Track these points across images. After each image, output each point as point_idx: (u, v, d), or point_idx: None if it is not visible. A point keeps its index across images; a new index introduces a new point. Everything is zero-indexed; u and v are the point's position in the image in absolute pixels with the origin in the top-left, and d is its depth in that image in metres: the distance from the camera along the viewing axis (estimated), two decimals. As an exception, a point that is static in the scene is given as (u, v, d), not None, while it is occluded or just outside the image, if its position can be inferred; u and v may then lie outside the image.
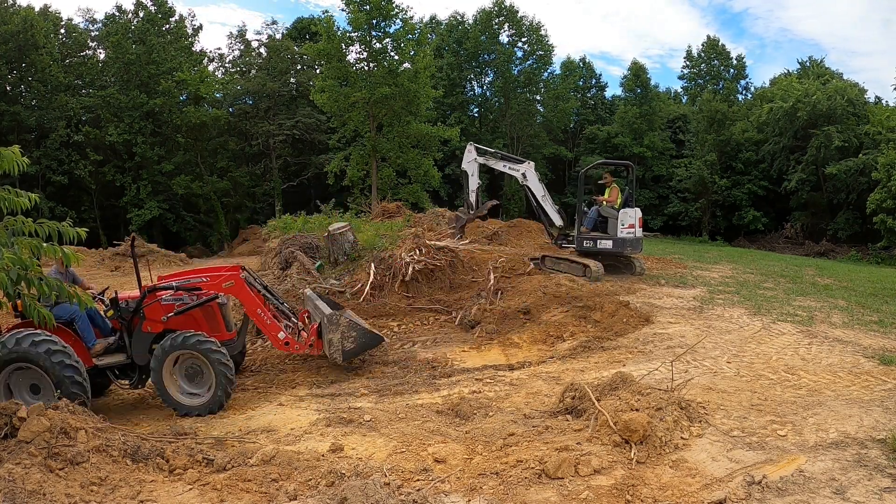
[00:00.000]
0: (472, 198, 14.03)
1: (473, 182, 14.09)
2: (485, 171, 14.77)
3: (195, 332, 6.74)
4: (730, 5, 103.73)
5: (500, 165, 14.25)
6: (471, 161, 14.05)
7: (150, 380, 6.89)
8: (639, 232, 13.25)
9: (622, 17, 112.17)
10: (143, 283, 7.18)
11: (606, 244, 13.19)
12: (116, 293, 7.13)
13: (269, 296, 7.83)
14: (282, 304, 8.08)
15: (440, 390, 6.95)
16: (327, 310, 8.02)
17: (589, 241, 13.36)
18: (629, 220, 13.02)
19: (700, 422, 5.20)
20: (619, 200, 13.45)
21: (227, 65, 43.88)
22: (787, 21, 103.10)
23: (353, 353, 7.71)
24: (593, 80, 51.73)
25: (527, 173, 13.84)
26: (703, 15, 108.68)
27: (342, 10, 30.49)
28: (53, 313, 6.18)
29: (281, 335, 7.36)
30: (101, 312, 7.06)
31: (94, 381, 6.64)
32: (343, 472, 4.38)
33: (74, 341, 6.57)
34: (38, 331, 6.14)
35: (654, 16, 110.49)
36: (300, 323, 8.10)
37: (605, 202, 13.55)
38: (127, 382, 7.05)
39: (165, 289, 7.05)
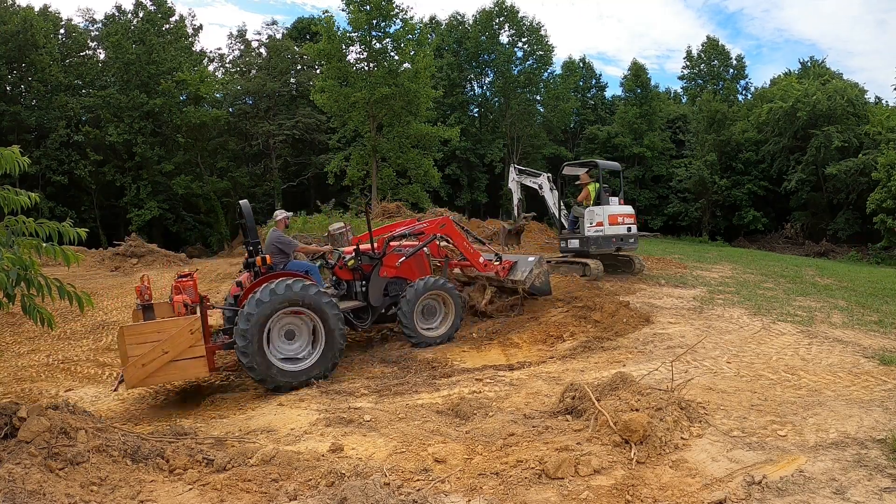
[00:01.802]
0: (516, 211, 15.15)
1: (516, 197, 15.24)
2: (483, 171, 15.22)
3: (440, 277, 8.76)
4: (724, 6, 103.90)
5: (528, 181, 15.16)
6: (513, 180, 15.29)
7: (378, 322, 8.73)
8: (610, 230, 12.95)
9: (617, 18, 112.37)
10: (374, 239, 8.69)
11: (574, 243, 13.32)
12: (358, 243, 8.69)
13: (475, 239, 10.19)
14: (482, 243, 10.45)
15: (440, 390, 6.94)
16: (533, 258, 10.14)
17: (563, 240, 13.51)
18: (597, 219, 12.90)
19: (700, 422, 5.20)
20: (591, 199, 13.29)
21: (227, 65, 43.93)
22: (782, 21, 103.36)
23: (537, 290, 9.72)
24: (593, 81, 51.77)
25: (542, 185, 14.64)
26: (698, 16, 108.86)
27: (342, 10, 30.52)
28: (290, 268, 7.79)
29: (481, 259, 9.55)
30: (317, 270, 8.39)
31: None
32: (343, 472, 4.38)
33: None
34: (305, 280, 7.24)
35: (649, 17, 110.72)
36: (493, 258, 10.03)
37: (579, 201, 13.60)
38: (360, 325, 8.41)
39: (400, 237, 8.92)
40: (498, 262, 9.95)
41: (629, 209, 13.46)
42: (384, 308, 8.68)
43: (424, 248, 9.02)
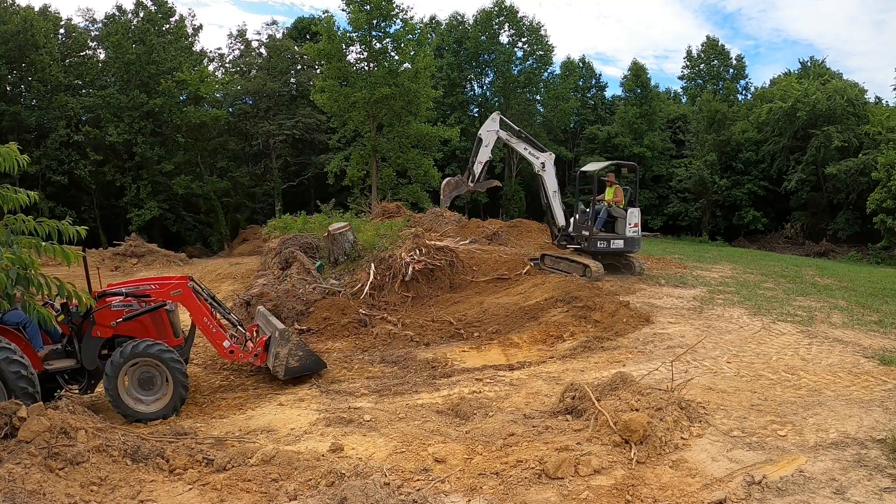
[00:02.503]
0: (478, 169, 13.07)
1: (485, 153, 13.09)
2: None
3: (155, 341, 6.81)
4: (722, 6, 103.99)
5: (520, 147, 13.48)
6: (491, 130, 13.09)
7: (99, 385, 6.89)
8: (639, 231, 13.61)
9: (615, 18, 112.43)
10: (93, 290, 7.13)
11: (618, 244, 13.44)
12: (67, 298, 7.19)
13: (216, 306, 7.92)
14: (229, 314, 8.16)
15: (440, 390, 6.94)
16: (280, 325, 8.15)
17: (603, 241, 13.46)
18: (634, 220, 13.39)
19: (700, 422, 5.20)
20: (623, 200, 13.72)
21: (227, 65, 43.89)
22: (779, 21, 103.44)
23: (296, 371, 7.71)
24: (593, 80, 51.72)
25: (546, 163, 13.38)
26: (695, 16, 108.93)
27: (342, 10, 30.52)
28: (7, 318, 6.52)
29: (226, 343, 7.49)
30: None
31: (43, 386, 6.51)
32: (343, 472, 4.38)
33: (25, 346, 6.51)
34: None
35: (647, 17, 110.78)
36: (247, 333, 8.16)
37: (613, 202, 13.72)
38: (76, 387, 7.03)
39: (115, 294, 7.10)
40: (246, 340, 7.96)
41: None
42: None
43: (168, 306, 7.42)
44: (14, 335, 6.48)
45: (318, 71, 37.77)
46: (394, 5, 29.58)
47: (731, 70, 48.10)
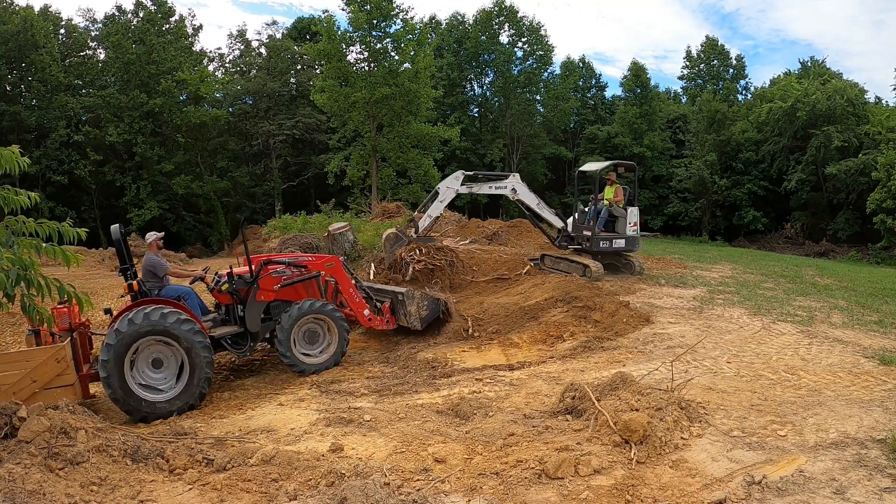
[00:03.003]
0: (425, 223, 12.01)
1: (438, 209, 12.14)
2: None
3: (323, 300, 8.17)
4: (720, 6, 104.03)
5: (485, 188, 12.87)
6: (451, 188, 12.10)
7: (258, 346, 8.24)
8: (638, 230, 13.72)
9: (613, 18, 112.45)
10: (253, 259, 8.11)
11: (620, 243, 13.50)
12: (231, 268, 8.09)
13: (358, 283, 9.24)
14: (366, 291, 9.32)
15: (440, 390, 6.94)
16: (398, 289, 9.47)
17: (605, 240, 13.48)
18: (634, 219, 13.49)
19: (700, 422, 5.20)
20: (624, 199, 13.77)
21: (227, 65, 43.91)
22: (778, 21, 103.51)
23: (429, 318, 9.08)
24: (593, 80, 51.74)
25: (516, 187, 12.77)
26: (694, 16, 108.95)
27: (342, 10, 30.54)
28: (165, 293, 7.49)
29: (366, 312, 8.84)
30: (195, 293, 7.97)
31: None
32: (343, 472, 4.38)
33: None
34: (169, 307, 6.86)
35: (645, 17, 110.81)
36: (379, 306, 9.26)
37: (614, 202, 13.78)
38: (237, 351, 7.92)
39: (278, 263, 8.25)
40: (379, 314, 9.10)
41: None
42: (266, 333, 8.07)
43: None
44: (177, 307, 7.07)
45: (318, 71, 37.80)
46: (394, 5, 29.60)
47: (731, 70, 48.12)
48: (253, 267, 7.95)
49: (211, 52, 46.33)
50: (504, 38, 43.09)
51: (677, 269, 15.51)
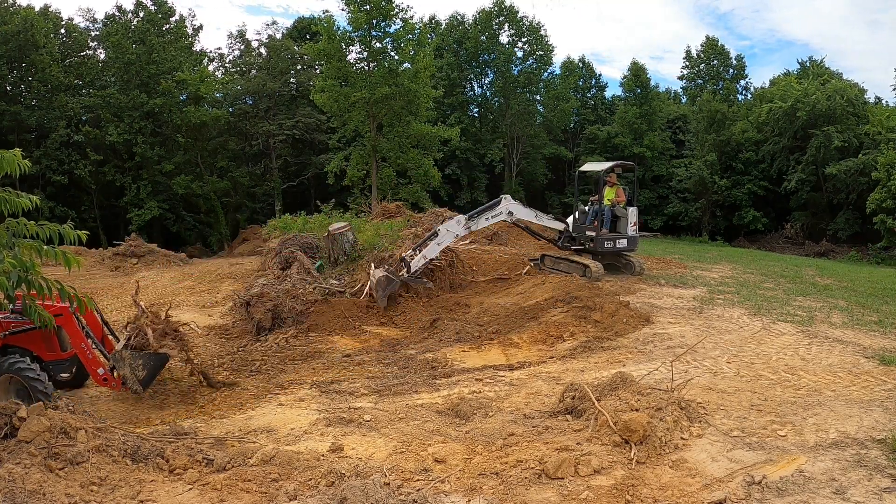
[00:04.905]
0: (418, 263, 11.49)
1: (434, 251, 11.73)
2: (483, 170, 14.65)
3: (18, 358, 6.83)
4: (715, 6, 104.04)
5: (482, 222, 12.59)
6: (451, 231, 11.92)
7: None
8: (637, 230, 13.82)
9: (611, 18, 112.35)
10: None
11: (623, 243, 13.57)
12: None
13: (106, 327, 8.02)
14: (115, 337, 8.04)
15: (440, 390, 6.94)
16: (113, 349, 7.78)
17: (609, 241, 13.52)
18: (634, 219, 13.58)
19: (700, 422, 5.20)
20: (625, 200, 13.91)
21: (227, 65, 43.88)
22: (773, 22, 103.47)
23: (149, 379, 7.47)
24: (593, 80, 51.71)
25: (511, 210, 12.49)
26: (689, 17, 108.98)
27: (342, 9, 30.52)
28: None
29: (100, 371, 7.32)
30: None
31: None
32: (343, 472, 4.38)
33: None
34: None
35: (642, 17, 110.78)
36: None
37: (616, 202, 13.84)
38: None
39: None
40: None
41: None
42: None
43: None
44: None
45: (318, 71, 37.77)
46: (393, 5, 29.58)
47: (731, 70, 48.07)
48: None
49: (211, 52, 46.31)
50: (504, 39, 43.08)
51: (677, 270, 15.51)
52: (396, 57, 30.23)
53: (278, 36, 42.33)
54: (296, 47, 40.41)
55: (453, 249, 12.92)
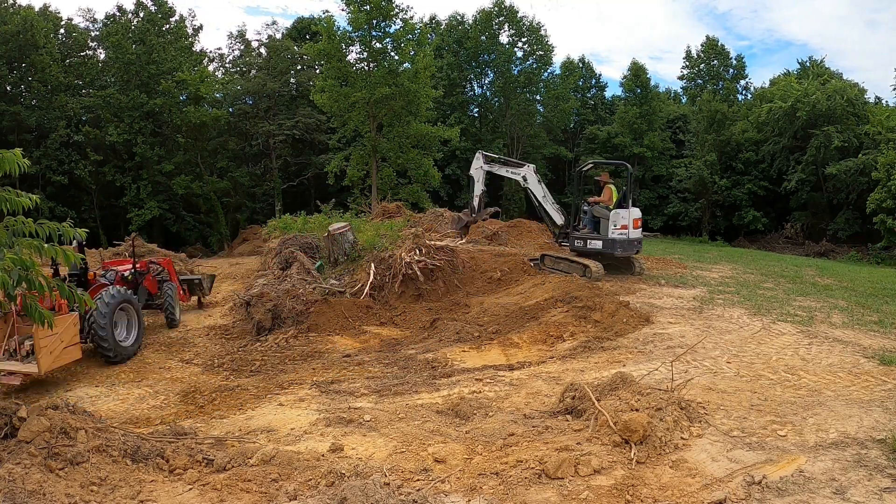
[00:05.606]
0: (476, 202, 14.60)
1: (478, 188, 14.62)
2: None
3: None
4: (713, 6, 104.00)
5: (503, 171, 14.87)
6: (478, 168, 14.58)
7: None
8: (633, 233, 13.14)
9: (609, 18, 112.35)
10: None
11: (596, 244, 13.21)
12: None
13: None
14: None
15: (440, 390, 6.94)
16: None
17: (581, 240, 13.42)
18: (621, 222, 12.93)
19: (700, 422, 5.20)
20: (613, 201, 13.40)
21: (227, 65, 43.87)
22: (772, 22, 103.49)
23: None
24: (593, 80, 51.72)
25: (527, 176, 14.26)
26: (687, 17, 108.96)
27: (342, 10, 30.51)
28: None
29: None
30: None
31: None
32: (343, 472, 4.38)
33: None
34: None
35: (640, 17, 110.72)
36: None
37: (600, 202, 13.58)
38: None
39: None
40: None
41: (637, 213, 13.56)
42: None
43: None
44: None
45: (318, 71, 37.76)
46: (394, 5, 29.58)
47: (731, 70, 48.07)
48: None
49: (211, 52, 46.33)
50: (504, 39, 43.09)
51: (677, 269, 15.51)
52: (396, 57, 30.23)
53: (278, 36, 42.34)
54: (296, 47, 40.39)
55: (453, 249, 12.93)
